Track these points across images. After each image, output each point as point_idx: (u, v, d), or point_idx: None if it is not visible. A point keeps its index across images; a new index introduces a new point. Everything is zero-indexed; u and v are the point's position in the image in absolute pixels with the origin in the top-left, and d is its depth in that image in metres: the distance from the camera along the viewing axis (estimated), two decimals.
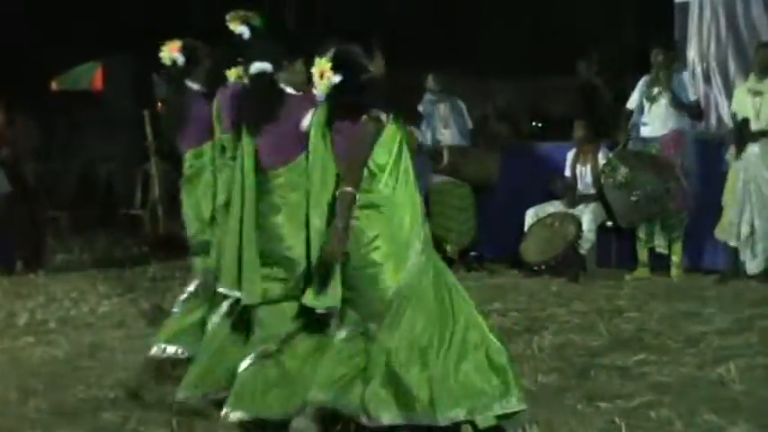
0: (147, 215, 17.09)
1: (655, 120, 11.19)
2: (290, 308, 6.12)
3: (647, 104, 11.23)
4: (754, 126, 10.72)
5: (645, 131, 11.28)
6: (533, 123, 19.84)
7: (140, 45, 19.26)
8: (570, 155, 12.23)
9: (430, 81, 12.78)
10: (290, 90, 6.15)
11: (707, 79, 12.89)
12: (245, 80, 6.40)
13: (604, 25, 18.96)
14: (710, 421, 6.03)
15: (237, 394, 6.08)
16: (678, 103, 11.06)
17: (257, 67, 6.18)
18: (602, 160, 11.77)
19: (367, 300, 5.74)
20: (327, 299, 5.76)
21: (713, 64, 12.98)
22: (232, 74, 6.66)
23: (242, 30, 6.55)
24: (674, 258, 11.29)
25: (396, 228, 5.67)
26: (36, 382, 7.73)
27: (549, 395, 6.70)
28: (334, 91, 5.64)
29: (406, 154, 5.71)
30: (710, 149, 11.12)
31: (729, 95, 11.88)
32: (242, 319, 6.48)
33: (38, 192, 16.30)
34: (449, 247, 12.43)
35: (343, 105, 5.71)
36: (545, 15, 19.63)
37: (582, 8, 19.41)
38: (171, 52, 7.05)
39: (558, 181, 12.18)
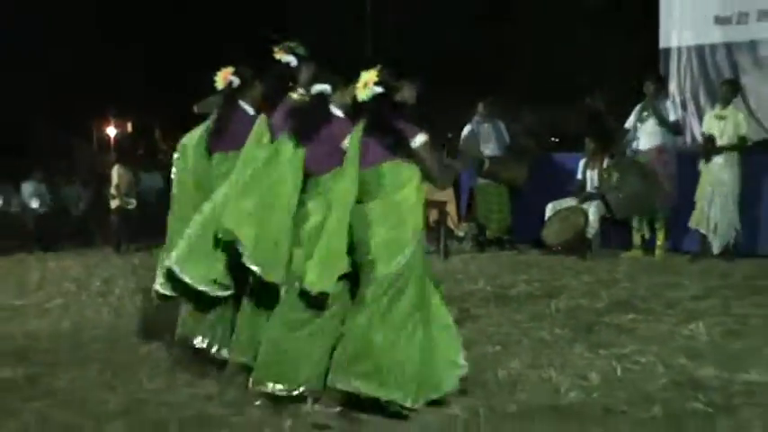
0: None
1: (643, 136, 11.12)
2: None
3: (639, 125, 11.17)
4: (718, 143, 10.71)
5: (636, 146, 11.23)
6: (552, 139, 19.82)
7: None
8: (581, 163, 12.21)
9: (480, 107, 12.82)
10: (338, 112, 5.71)
11: (684, 107, 12.78)
12: (306, 98, 5.86)
13: (607, 66, 18.80)
14: (684, 365, 6.00)
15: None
16: (663, 123, 11.00)
17: (318, 88, 5.74)
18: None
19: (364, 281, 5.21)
20: (327, 283, 5.17)
21: (688, 95, 12.88)
22: (294, 94, 6.01)
23: (289, 59, 6.17)
24: (659, 242, 11.25)
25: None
26: None
27: (563, 344, 6.68)
28: (373, 101, 5.28)
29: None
30: (687, 159, 11.04)
31: (700, 119, 11.79)
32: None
33: None
34: (488, 232, 12.66)
35: (376, 121, 5.32)
36: (563, 58, 19.48)
37: (592, 53, 19.30)
38: (225, 76, 6.48)
39: (573, 183, 12.21)
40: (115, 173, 14.62)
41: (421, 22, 22.35)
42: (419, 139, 5.19)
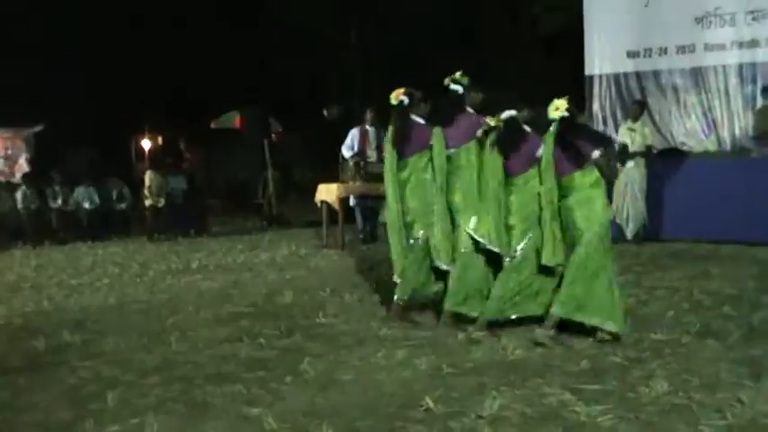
0: (266, 203, 17.14)
1: None
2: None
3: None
4: (630, 149, 10.79)
5: None
6: None
7: (262, 101, 19.42)
8: None
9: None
10: (529, 129, 6.08)
11: (605, 122, 12.81)
12: (501, 123, 6.13)
13: (538, 86, 18.68)
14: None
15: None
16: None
17: (507, 114, 6.11)
18: None
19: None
20: (559, 257, 5.81)
21: (608, 113, 12.86)
22: (491, 120, 6.20)
23: (456, 88, 6.53)
24: None
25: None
26: (202, 301, 7.79)
27: None
28: (562, 121, 5.78)
29: None
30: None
31: (617, 131, 11.81)
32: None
33: (203, 188, 16.43)
34: None
35: (563, 137, 5.79)
36: (517, 76, 19.15)
37: (535, 74, 19.05)
38: (398, 95, 6.59)
39: None
40: (147, 177, 14.75)
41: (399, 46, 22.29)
42: (596, 153, 5.71)
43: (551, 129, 5.87)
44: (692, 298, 6.94)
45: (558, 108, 5.79)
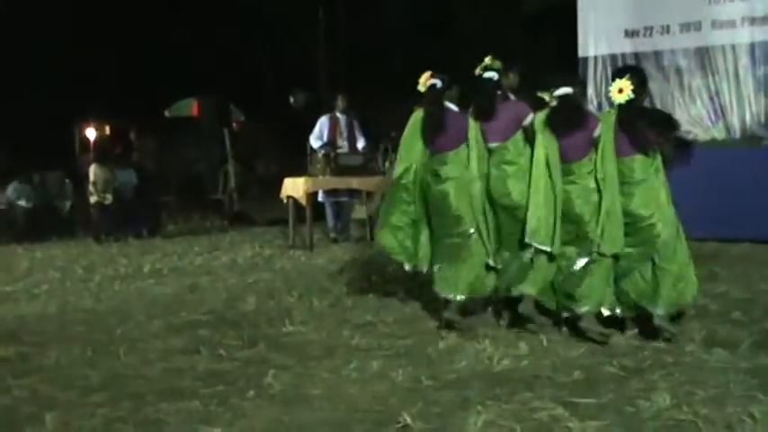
0: (226, 199, 17.11)
1: None
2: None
3: None
4: None
5: None
6: None
7: (221, 87, 19.39)
8: None
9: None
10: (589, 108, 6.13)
11: (600, 108, 12.87)
12: (555, 101, 6.03)
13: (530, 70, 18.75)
14: (600, 332, 6.04)
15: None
16: None
17: (563, 90, 6.00)
18: None
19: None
20: (619, 245, 5.90)
21: (603, 98, 12.95)
22: (545, 95, 6.11)
23: (491, 75, 6.44)
24: None
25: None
26: (155, 309, 7.74)
27: (495, 319, 6.70)
28: (627, 103, 5.73)
29: None
30: None
31: None
32: None
33: (156, 183, 16.37)
34: None
35: (626, 119, 5.78)
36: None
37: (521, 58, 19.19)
38: (428, 79, 6.51)
39: None
40: (92, 171, 14.66)
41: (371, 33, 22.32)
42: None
43: (611, 111, 5.92)
44: (697, 302, 7.00)
45: (623, 90, 5.74)
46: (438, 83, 6.51)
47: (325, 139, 12.09)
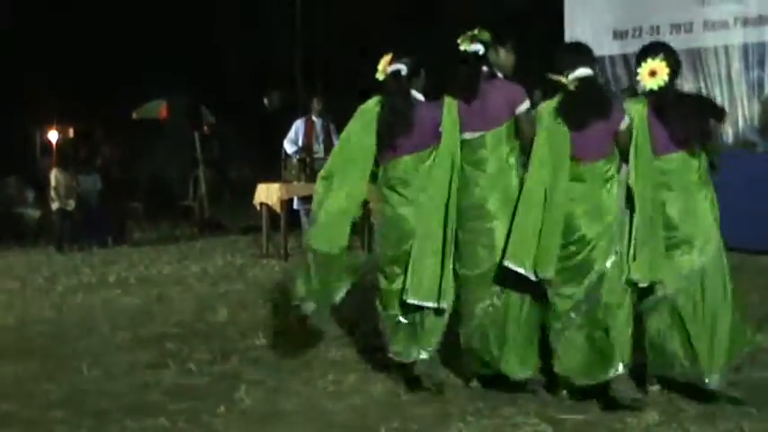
0: (197, 205, 17.06)
1: None
2: None
3: None
4: None
5: None
6: None
7: (192, 87, 19.34)
8: None
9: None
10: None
11: None
12: (571, 86, 4.95)
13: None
14: None
15: None
16: None
17: (583, 72, 4.95)
18: None
19: None
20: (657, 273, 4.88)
21: None
22: (561, 78, 5.00)
23: (476, 47, 5.27)
24: None
25: None
26: (121, 320, 7.72)
27: None
28: (661, 89, 4.87)
29: None
30: None
31: None
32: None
33: (122, 189, 16.30)
34: None
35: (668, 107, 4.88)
36: None
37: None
38: (388, 64, 5.34)
39: None
40: (53, 176, 14.57)
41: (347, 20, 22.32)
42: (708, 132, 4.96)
43: (641, 98, 5.04)
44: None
45: (656, 72, 4.90)
46: (403, 68, 5.37)
47: (300, 143, 12.08)
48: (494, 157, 5.22)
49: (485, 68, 5.34)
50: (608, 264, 4.89)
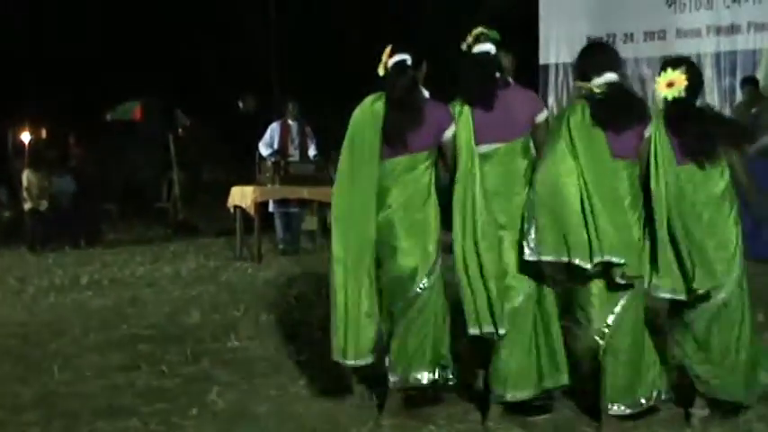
0: (170, 207, 17.01)
1: None
2: None
3: None
4: None
5: None
6: None
7: (166, 89, 19.29)
8: None
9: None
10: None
11: None
12: (596, 90, 4.65)
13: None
14: None
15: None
16: None
17: (610, 76, 4.66)
18: None
19: None
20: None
21: (563, 104, 13.14)
22: (584, 85, 4.72)
23: (487, 47, 4.88)
24: None
25: None
26: (93, 322, 7.70)
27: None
28: (677, 101, 4.65)
29: None
30: None
31: None
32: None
33: (95, 190, 16.23)
34: None
35: (676, 121, 4.65)
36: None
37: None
38: (390, 56, 4.90)
39: None
40: (25, 177, 14.54)
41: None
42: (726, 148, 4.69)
43: (659, 108, 4.83)
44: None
45: (674, 84, 4.67)
46: (407, 57, 4.90)
47: (275, 146, 12.09)
48: (506, 171, 4.86)
49: (497, 74, 4.96)
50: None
